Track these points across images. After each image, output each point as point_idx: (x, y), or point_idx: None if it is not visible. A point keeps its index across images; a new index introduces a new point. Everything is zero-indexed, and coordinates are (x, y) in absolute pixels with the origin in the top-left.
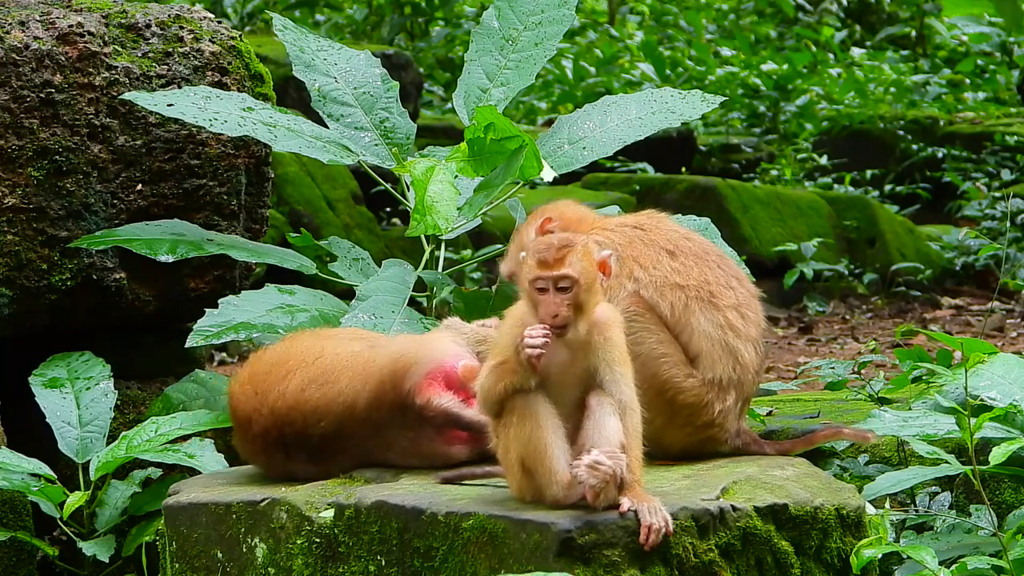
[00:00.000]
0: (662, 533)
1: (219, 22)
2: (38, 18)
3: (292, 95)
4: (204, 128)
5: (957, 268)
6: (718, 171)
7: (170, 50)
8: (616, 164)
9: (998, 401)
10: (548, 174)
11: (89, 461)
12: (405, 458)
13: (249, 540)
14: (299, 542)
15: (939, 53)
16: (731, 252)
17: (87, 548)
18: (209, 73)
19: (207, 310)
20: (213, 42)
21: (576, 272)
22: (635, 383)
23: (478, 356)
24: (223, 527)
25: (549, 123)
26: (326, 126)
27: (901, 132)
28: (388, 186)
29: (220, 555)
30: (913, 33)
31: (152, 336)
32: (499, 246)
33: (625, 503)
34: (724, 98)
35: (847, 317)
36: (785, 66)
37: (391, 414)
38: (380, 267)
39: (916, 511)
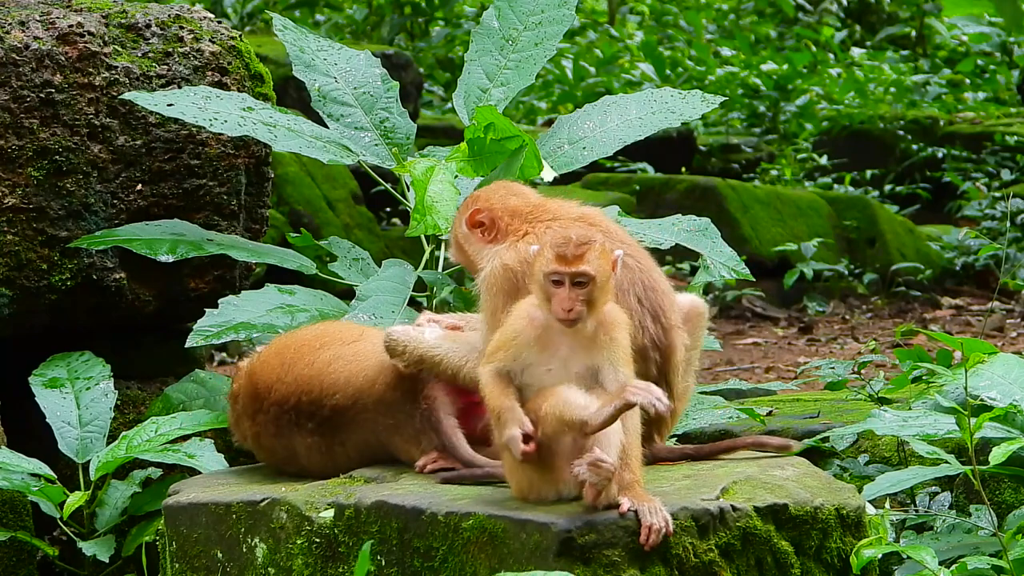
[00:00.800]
0: (662, 533)
1: (219, 22)
2: (38, 18)
3: (292, 95)
4: (204, 128)
5: (957, 268)
6: (718, 171)
7: (170, 50)
8: (616, 164)
9: (998, 401)
10: (548, 174)
11: (89, 461)
12: (410, 446)
13: (249, 540)
14: (299, 542)
15: (939, 53)
16: (731, 252)
17: (87, 548)
18: (209, 73)
19: (207, 310)
20: (213, 42)
21: (594, 269)
22: None
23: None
24: (223, 527)
25: (549, 123)
26: (326, 126)
27: (901, 132)
28: (388, 186)
29: (220, 555)
30: (913, 33)
31: (152, 336)
32: None
33: (625, 503)
34: (724, 98)
35: (847, 317)
36: (785, 66)
37: (405, 398)
38: (380, 267)
39: (916, 511)
